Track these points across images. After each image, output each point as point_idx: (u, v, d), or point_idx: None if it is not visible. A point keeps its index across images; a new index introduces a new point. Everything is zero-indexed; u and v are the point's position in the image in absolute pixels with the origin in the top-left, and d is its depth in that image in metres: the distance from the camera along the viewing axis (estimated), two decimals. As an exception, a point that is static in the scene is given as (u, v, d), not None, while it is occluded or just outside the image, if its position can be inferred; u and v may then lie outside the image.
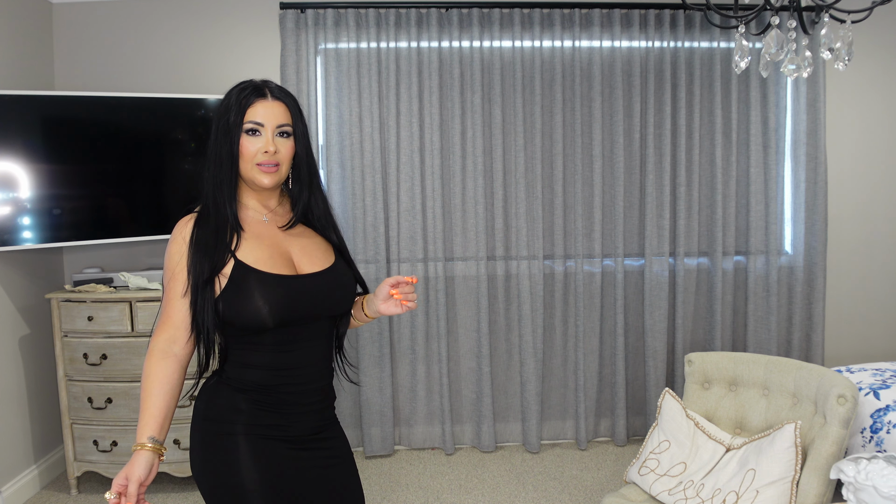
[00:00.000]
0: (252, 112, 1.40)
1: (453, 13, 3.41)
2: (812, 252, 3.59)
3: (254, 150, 1.39)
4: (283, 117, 1.42)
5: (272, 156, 1.40)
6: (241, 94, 1.41)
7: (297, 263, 1.45)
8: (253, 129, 1.40)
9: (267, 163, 1.40)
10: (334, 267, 1.49)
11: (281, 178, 1.44)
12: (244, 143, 1.40)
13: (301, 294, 1.41)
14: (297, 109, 1.46)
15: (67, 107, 3.02)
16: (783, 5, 2.38)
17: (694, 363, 2.49)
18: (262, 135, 1.40)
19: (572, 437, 3.66)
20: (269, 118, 1.40)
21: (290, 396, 1.42)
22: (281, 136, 1.42)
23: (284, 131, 1.43)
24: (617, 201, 3.52)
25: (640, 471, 2.31)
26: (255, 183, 1.42)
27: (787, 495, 1.97)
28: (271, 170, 1.41)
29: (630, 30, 3.46)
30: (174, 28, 3.46)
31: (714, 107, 3.49)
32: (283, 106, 1.43)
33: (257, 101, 1.40)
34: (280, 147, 1.42)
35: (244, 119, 1.39)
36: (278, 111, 1.42)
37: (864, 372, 2.69)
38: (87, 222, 3.09)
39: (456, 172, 3.47)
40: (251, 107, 1.40)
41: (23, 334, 3.16)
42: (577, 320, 3.55)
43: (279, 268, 1.41)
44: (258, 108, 1.40)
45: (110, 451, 3.04)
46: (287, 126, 1.43)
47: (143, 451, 1.29)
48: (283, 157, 1.43)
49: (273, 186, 1.44)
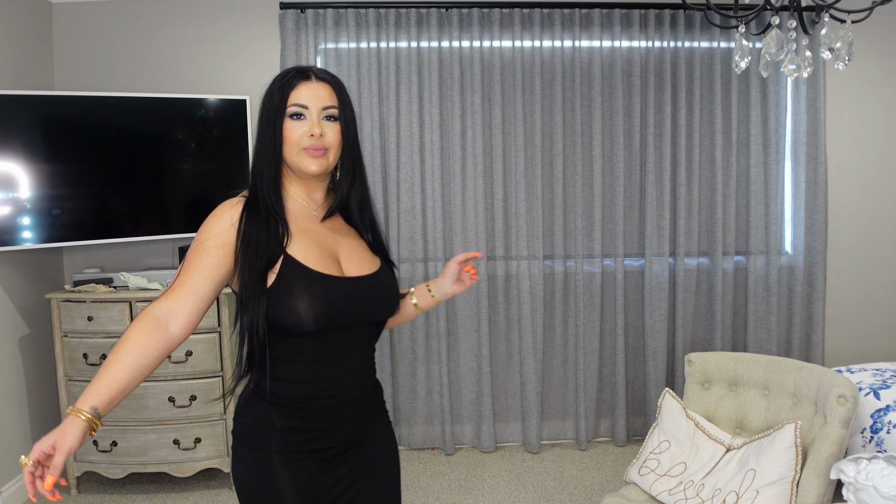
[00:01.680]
0: (296, 94, 1.30)
1: (453, 13, 3.40)
2: (812, 252, 3.59)
3: (298, 134, 1.30)
4: (329, 99, 1.32)
5: (318, 139, 1.30)
6: (284, 78, 1.32)
7: (343, 265, 1.35)
8: (297, 113, 1.30)
9: (313, 147, 1.30)
10: (380, 272, 1.40)
11: (329, 165, 1.34)
12: (288, 127, 1.30)
13: (345, 298, 1.31)
14: (343, 93, 1.35)
15: (67, 107, 3.02)
16: (783, 5, 2.38)
17: (694, 363, 2.49)
18: (306, 118, 1.30)
19: (572, 437, 3.66)
20: (313, 100, 1.30)
21: (328, 409, 1.32)
22: (328, 119, 1.32)
23: (331, 114, 1.32)
24: (617, 201, 3.52)
25: (640, 471, 2.31)
26: (302, 170, 1.32)
27: (787, 495, 1.97)
28: (318, 154, 1.31)
29: (630, 30, 3.46)
30: (174, 28, 3.46)
31: (714, 107, 3.49)
32: (329, 88, 1.33)
33: (301, 84, 1.31)
34: (327, 131, 1.31)
35: (287, 102, 1.30)
36: (323, 93, 1.31)
37: (864, 372, 2.69)
38: (87, 222, 3.09)
39: (456, 172, 3.47)
40: (294, 89, 1.30)
41: (23, 334, 3.15)
42: (577, 320, 3.55)
43: (328, 267, 1.31)
44: (302, 90, 1.30)
45: (110, 451, 3.04)
46: (333, 108, 1.32)
47: (78, 419, 1.08)
48: (330, 141, 1.32)
49: (320, 173, 1.33)
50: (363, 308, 1.34)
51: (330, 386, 1.32)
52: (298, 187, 1.38)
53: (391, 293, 1.41)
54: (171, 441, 3.04)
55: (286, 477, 1.29)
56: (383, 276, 1.41)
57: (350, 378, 1.35)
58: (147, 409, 3.03)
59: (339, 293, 1.30)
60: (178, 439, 3.04)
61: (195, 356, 3.04)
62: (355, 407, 1.37)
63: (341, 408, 1.34)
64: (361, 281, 1.35)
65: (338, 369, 1.33)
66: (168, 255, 3.46)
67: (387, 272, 1.43)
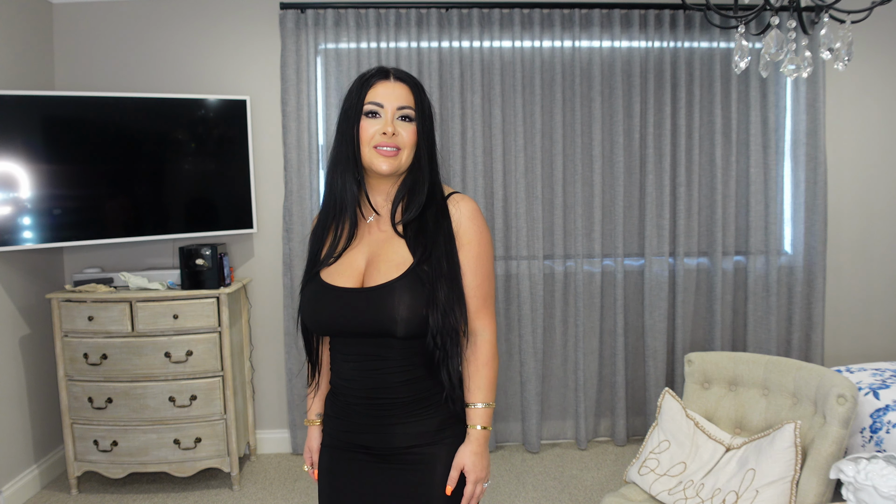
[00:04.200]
0: (372, 93, 1.31)
1: (453, 13, 3.41)
2: (812, 252, 3.59)
3: (372, 131, 1.31)
4: (405, 99, 1.32)
5: (391, 138, 1.30)
6: (363, 77, 1.34)
7: (368, 271, 1.35)
8: (373, 112, 1.31)
9: (385, 145, 1.30)
10: (389, 283, 1.31)
11: (401, 166, 1.33)
12: (363, 125, 1.31)
13: (326, 306, 1.34)
14: (421, 94, 1.35)
15: (67, 107, 3.03)
16: (783, 5, 2.38)
17: (694, 363, 2.49)
18: (381, 116, 1.31)
19: (572, 436, 3.67)
20: (389, 99, 1.31)
21: (351, 408, 1.39)
22: (403, 119, 1.32)
23: (406, 115, 1.32)
24: (617, 201, 3.52)
25: (639, 470, 2.31)
26: (373, 168, 1.32)
27: (787, 495, 1.97)
28: (390, 154, 1.30)
29: (630, 30, 3.46)
30: (174, 28, 3.46)
31: (714, 107, 3.49)
32: (406, 87, 1.33)
33: (378, 83, 1.32)
34: (401, 130, 1.31)
35: (364, 100, 1.31)
36: (400, 92, 1.32)
37: (863, 372, 2.69)
38: (87, 222, 3.09)
39: (456, 172, 3.48)
40: (372, 88, 1.32)
41: (23, 334, 3.16)
42: (576, 320, 3.55)
43: (339, 274, 1.35)
44: (379, 88, 1.32)
45: (110, 451, 3.04)
46: (409, 109, 1.32)
47: (312, 426, 1.51)
48: (404, 141, 1.31)
49: (391, 172, 1.32)
50: (351, 318, 1.32)
51: (347, 384, 1.38)
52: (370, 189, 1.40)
53: (383, 309, 1.30)
54: (172, 441, 3.05)
55: (324, 457, 1.46)
56: (387, 289, 1.31)
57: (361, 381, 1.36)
58: (147, 408, 3.03)
59: (321, 300, 1.36)
60: (178, 439, 3.05)
61: (195, 356, 3.04)
62: (379, 412, 1.36)
63: (362, 408, 1.38)
64: (357, 292, 1.33)
65: (350, 371, 1.38)
66: (168, 255, 3.46)
67: (401, 284, 1.31)
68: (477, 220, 1.39)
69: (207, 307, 3.05)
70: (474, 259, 1.37)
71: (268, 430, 3.65)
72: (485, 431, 1.37)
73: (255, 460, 3.53)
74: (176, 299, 3.04)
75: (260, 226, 3.50)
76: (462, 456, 1.36)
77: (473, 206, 1.40)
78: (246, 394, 3.48)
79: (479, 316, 1.38)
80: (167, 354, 3.02)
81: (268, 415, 3.64)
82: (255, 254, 3.56)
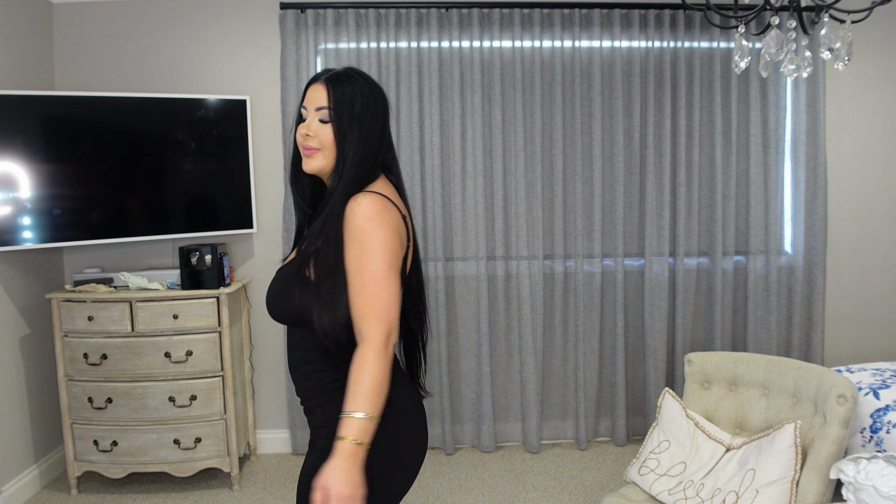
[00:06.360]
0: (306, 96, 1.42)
1: (453, 13, 3.41)
2: (812, 252, 3.59)
3: (299, 134, 1.43)
4: (323, 100, 1.38)
5: (305, 139, 1.41)
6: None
7: None
8: (301, 115, 1.44)
9: (304, 146, 1.41)
10: (282, 267, 1.44)
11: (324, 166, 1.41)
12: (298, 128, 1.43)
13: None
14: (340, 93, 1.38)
15: (67, 107, 3.03)
16: (783, 5, 2.38)
17: (694, 363, 2.49)
18: (305, 119, 1.42)
19: (572, 436, 3.67)
20: (310, 101, 1.40)
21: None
22: (321, 121, 1.38)
23: (321, 117, 1.39)
24: (617, 201, 3.52)
25: (640, 470, 2.31)
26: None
27: (787, 495, 1.97)
28: (308, 154, 1.40)
29: (630, 30, 3.46)
30: (174, 28, 3.46)
31: (714, 107, 3.49)
32: (324, 88, 1.39)
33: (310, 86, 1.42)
34: (318, 131, 1.38)
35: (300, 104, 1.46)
36: (319, 94, 1.39)
37: (863, 372, 2.69)
38: (87, 222, 3.09)
39: (456, 172, 3.48)
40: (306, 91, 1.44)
41: (23, 334, 3.16)
42: (576, 320, 3.55)
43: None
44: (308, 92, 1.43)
45: (110, 451, 3.04)
46: (324, 109, 1.38)
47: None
48: (320, 142, 1.39)
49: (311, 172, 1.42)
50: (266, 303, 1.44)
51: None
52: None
53: (272, 291, 1.41)
54: (172, 441, 3.04)
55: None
56: (281, 272, 1.42)
57: (293, 371, 1.44)
58: (147, 408, 3.03)
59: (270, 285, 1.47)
60: (178, 439, 3.05)
61: (195, 356, 3.04)
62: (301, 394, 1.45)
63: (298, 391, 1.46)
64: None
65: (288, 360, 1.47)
66: (168, 255, 3.46)
67: (286, 269, 1.40)
68: (364, 218, 1.29)
69: (207, 307, 3.05)
70: (355, 258, 1.29)
71: (268, 430, 3.65)
72: (355, 446, 1.19)
73: (254, 460, 3.53)
74: (176, 299, 3.04)
75: (260, 226, 3.50)
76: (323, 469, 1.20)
77: (368, 204, 1.31)
78: (246, 394, 3.48)
79: (362, 317, 1.27)
80: (167, 354, 3.02)
81: (268, 415, 3.64)
82: (255, 254, 3.56)
